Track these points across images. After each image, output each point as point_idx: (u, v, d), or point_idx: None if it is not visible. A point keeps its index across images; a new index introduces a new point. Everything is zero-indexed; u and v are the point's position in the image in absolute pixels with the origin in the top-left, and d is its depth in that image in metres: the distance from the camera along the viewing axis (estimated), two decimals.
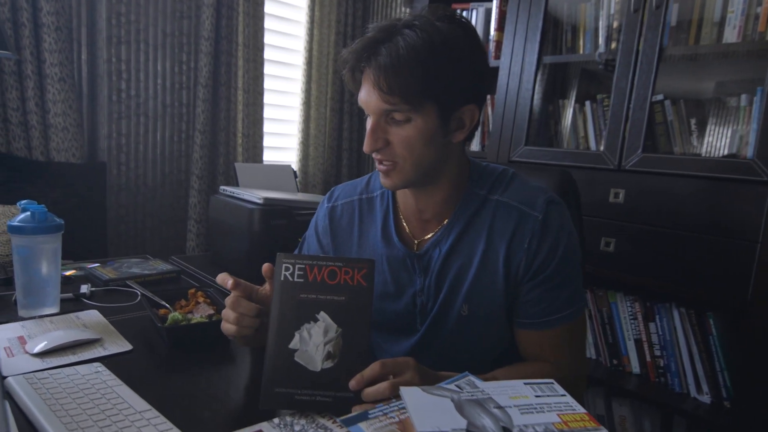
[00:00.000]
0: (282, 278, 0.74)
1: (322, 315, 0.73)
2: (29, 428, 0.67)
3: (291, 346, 0.73)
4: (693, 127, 1.62)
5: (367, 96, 0.83)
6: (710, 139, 1.59)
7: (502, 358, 0.92)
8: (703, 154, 1.59)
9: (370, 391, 0.70)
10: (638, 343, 1.67)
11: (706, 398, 1.54)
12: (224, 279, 0.83)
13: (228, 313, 0.83)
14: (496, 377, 0.80)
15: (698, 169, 1.49)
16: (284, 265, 0.75)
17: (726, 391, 1.50)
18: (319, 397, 0.72)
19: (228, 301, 0.83)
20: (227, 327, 0.83)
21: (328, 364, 0.72)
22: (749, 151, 1.46)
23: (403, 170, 0.85)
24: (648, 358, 1.65)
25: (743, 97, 1.50)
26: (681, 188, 1.52)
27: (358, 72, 0.84)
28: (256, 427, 0.68)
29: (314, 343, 0.72)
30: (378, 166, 0.87)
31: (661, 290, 1.59)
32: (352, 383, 0.71)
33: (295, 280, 0.74)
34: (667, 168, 1.55)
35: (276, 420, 0.71)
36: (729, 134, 1.54)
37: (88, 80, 1.98)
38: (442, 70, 0.80)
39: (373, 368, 0.71)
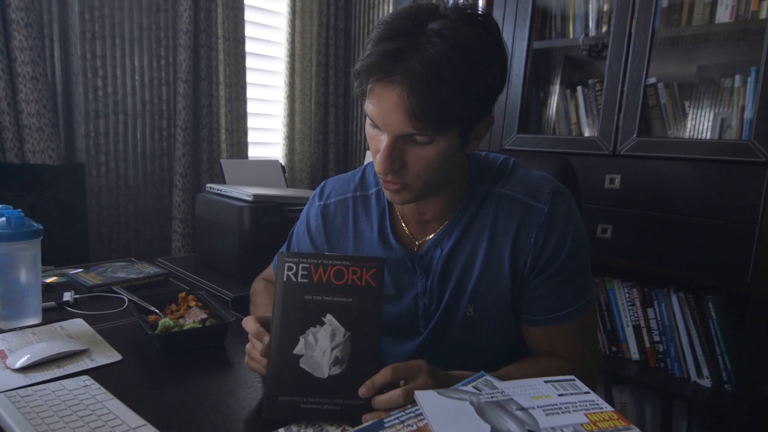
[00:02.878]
0: (285, 278, 0.70)
1: (329, 318, 0.69)
2: None
3: (296, 351, 0.69)
4: (687, 109, 1.60)
5: (385, 114, 0.71)
6: (705, 121, 1.57)
7: (510, 354, 0.88)
8: (699, 137, 1.57)
9: (382, 399, 0.66)
10: (637, 329, 1.66)
11: (706, 382, 1.53)
12: (258, 333, 0.76)
13: (259, 358, 0.77)
14: (510, 374, 0.77)
15: (694, 152, 1.48)
16: (287, 264, 0.70)
17: (726, 375, 1.50)
18: (327, 405, 0.68)
19: (259, 347, 0.76)
20: (256, 367, 0.78)
21: (336, 371, 0.68)
22: (745, 132, 1.45)
23: (415, 189, 0.78)
24: (647, 344, 1.64)
25: (737, 78, 1.49)
26: (677, 172, 1.50)
27: (370, 83, 0.71)
28: None
29: (321, 348, 0.68)
30: (385, 185, 0.79)
31: (658, 275, 1.58)
32: (362, 390, 0.67)
33: (299, 280, 0.69)
34: (662, 152, 1.53)
35: (281, 430, 0.67)
36: (723, 115, 1.53)
37: (62, 78, 1.90)
38: (477, 87, 0.70)
39: (383, 374, 0.67)
